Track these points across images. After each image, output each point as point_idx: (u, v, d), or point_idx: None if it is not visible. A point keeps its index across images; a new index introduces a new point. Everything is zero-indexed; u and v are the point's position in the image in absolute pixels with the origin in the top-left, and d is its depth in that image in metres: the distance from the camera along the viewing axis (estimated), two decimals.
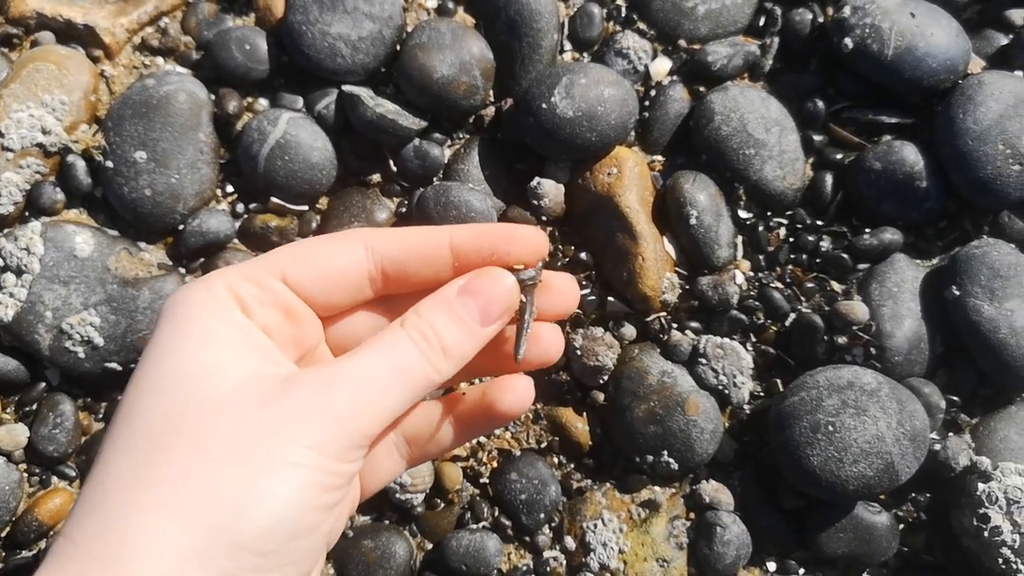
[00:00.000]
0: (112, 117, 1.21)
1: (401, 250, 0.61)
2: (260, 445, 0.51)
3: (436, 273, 0.62)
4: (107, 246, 1.18)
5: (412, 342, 0.57)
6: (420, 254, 0.61)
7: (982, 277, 1.15)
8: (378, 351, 0.56)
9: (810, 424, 1.10)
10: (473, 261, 0.61)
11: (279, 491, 0.50)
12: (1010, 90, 1.17)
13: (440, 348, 0.57)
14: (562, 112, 1.16)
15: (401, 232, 0.62)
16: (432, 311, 0.59)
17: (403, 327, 0.58)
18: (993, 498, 1.10)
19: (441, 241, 0.61)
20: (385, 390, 0.55)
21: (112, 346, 1.16)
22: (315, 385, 0.53)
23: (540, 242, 0.63)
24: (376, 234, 0.62)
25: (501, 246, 0.61)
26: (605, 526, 1.17)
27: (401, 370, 0.56)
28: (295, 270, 0.59)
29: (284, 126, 1.20)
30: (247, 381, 0.53)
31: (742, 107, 1.20)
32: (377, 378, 0.55)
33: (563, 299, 0.67)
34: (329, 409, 0.52)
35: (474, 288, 0.60)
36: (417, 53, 1.20)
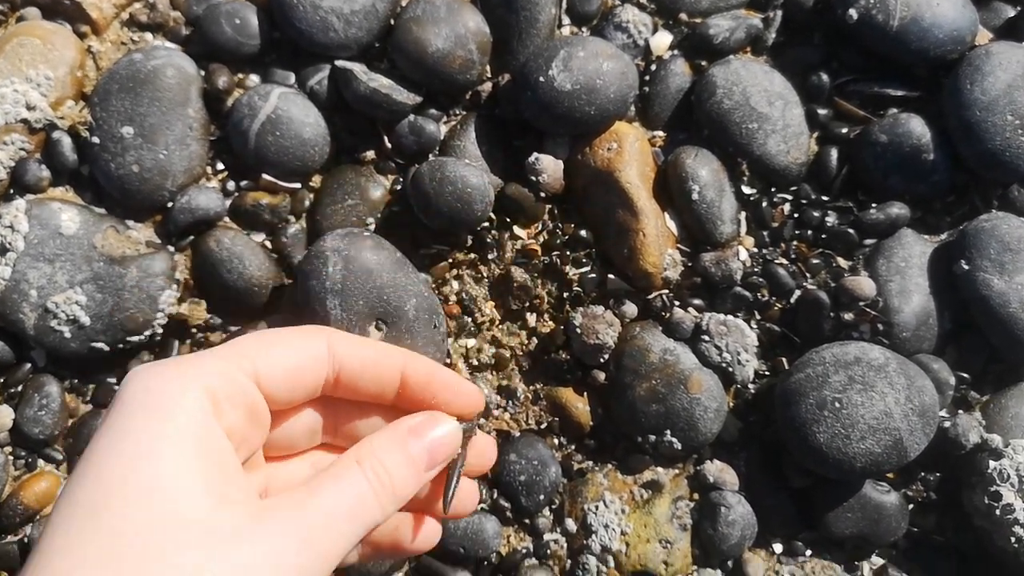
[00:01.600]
0: (99, 92, 1.18)
1: (359, 364, 0.63)
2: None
3: (380, 393, 0.65)
4: (93, 224, 1.16)
5: (367, 482, 0.58)
6: (374, 373, 0.64)
7: (991, 251, 1.12)
8: (336, 492, 0.56)
9: (816, 401, 1.07)
10: (415, 397, 0.65)
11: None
12: (1018, 60, 1.15)
13: (391, 489, 0.59)
14: (560, 85, 1.13)
15: (361, 344, 0.64)
16: (388, 451, 0.60)
17: (360, 465, 0.59)
18: (1005, 476, 1.08)
19: (395, 367, 0.64)
20: (341, 535, 0.55)
21: (99, 325, 1.13)
22: (288, 525, 0.53)
23: (479, 400, 0.68)
24: (340, 340, 0.63)
25: (443, 395, 0.65)
26: (607, 508, 1.14)
27: (357, 513, 0.57)
28: (266, 370, 0.59)
29: (275, 101, 1.18)
30: (219, 507, 0.52)
31: (744, 81, 1.18)
32: (337, 524, 0.55)
33: (482, 460, 0.72)
34: (303, 550, 0.53)
35: (424, 431, 0.63)
36: (411, 27, 1.18)
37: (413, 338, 1.10)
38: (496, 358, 1.20)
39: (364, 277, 1.08)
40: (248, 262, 1.17)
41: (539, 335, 1.20)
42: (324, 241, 1.10)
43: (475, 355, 1.20)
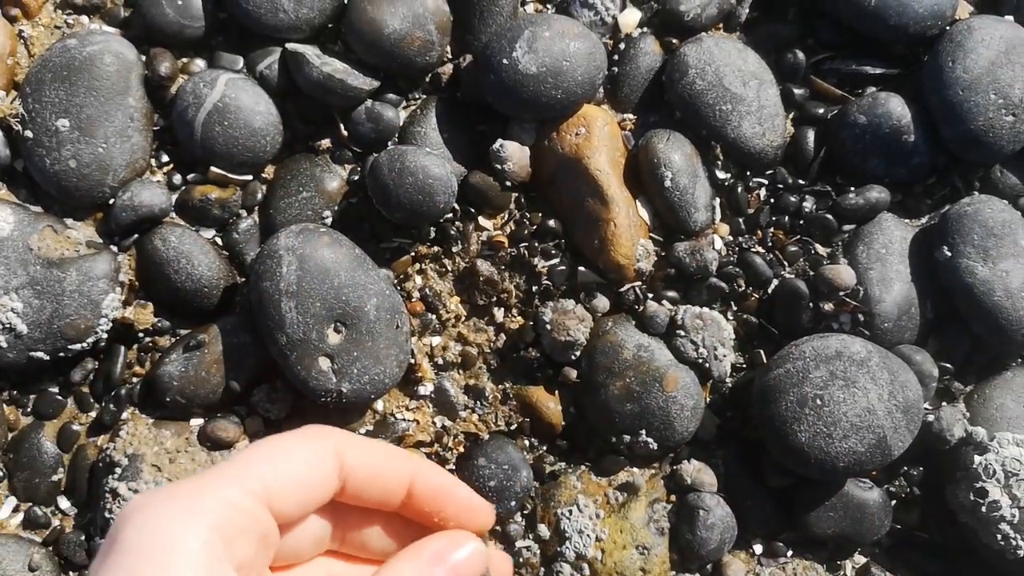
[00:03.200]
0: (31, 82, 1.11)
1: (367, 472, 0.59)
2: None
3: (386, 502, 0.61)
4: (29, 223, 1.09)
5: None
6: (382, 482, 0.60)
7: (975, 236, 1.08)
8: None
9: (796, 398, 1.03)
10: (422, 509, 0.61)
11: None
12: (1001, 35, 1.11)
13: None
14: (525, 68, 1.08)
15: (370, 450, 0.60)
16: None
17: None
18: (990, 471, 1.05)
19: (403, 477, 0.60)
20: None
21: (37, 333, 1.07)
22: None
23: (489, 517, 0.64)
24: (347, 446, 0.59)
25: (451, 510, 0.61)
26: (581, 512, 1.10)
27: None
28: (277, 488, 0.54)
29: (222, 88, 1.12)
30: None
31: (717, 60, 1.13)
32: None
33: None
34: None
35: (448, 555, 0.59)
36: (366, 6, 1.12)
37: (374, 339, 1.04)
38: (462, 356, 1.16)
39: (321, 277, 1.02)
40: (197, 261, 1.11)
41: (507, 331, 1.15)
42: (277, 239, 1.04)
43: (440, 353, 1.15)
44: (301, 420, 1.13)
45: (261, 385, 1.11)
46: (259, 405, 1.11)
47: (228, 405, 1.12)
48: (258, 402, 1.11)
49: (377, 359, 1.05)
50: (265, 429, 1.12)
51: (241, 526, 0.51)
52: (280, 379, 1.10)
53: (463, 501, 0.62)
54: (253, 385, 1.11)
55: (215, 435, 1.09)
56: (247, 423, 1.12)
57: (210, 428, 1.09)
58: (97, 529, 1.09)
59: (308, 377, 1.04)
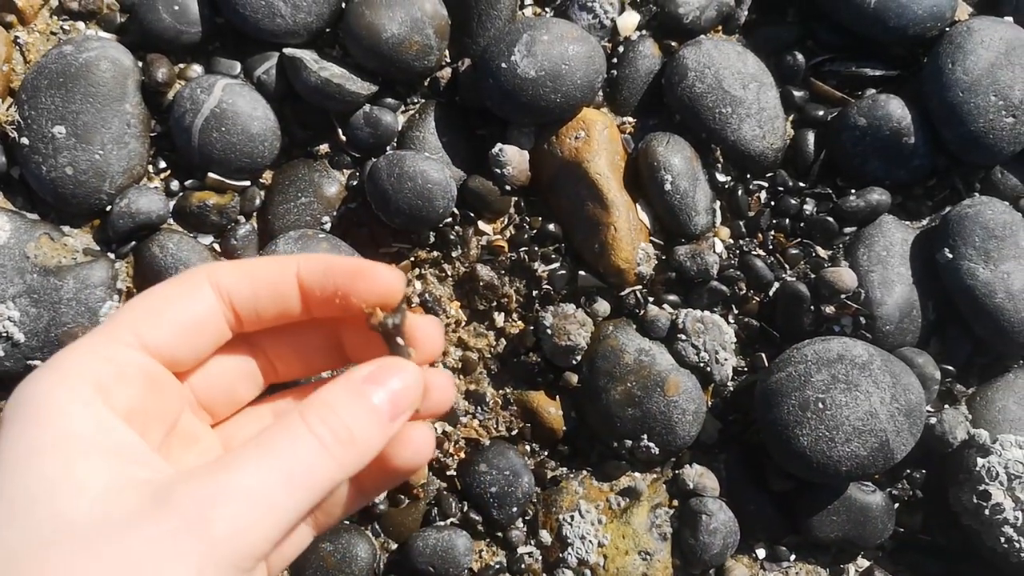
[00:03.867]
0: (27, 89, 1.10)
1: (248, 287, 0.56)
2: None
3: (285, 308, 0.57)
4: (26, 231, 1.08)
5: (316, 438, 0.50)
6: (267, 290, 0.56)
7: (976, 238, 1.08)
8: (270, 454, 0.48)
9: (799, 402, 1.02)
10: (323, 298, 0.57)
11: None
12: (1001, 37, 1.11)
13: (351, 441, 0.51)
14: (524, 72, 1.07)
15: (246, 266, 0.57)
16: (342, 401, 0.52)
17: (306, 421, 0.50)
18: (993, 473, 1.04)
19: (288, 276, 0.57)
20: (275, 504, 0.47)
21: (34, 342, 1.06)
22: (189, 504, 0.45)
23: (392, 282, 0.57)
24: (221, 270, 0.56)
25: (346, 284, 0.56)
26: (583, 518, 1.10)
27: (298, 475, 0.48)
28: (151, 332, 0.53)
29: (220, 94, 1.11)
30: (107, 497, 0.45)
31: (717, 62, 1.12)
32: (266, 490, 0.47)
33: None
34: (207, 534, 0.44)
35: (380, 378, 0.54)
36: (364, 11, 1.11)
37: None
38: (463, 361, 1.15)
39: None
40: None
41: (507, 336, 1.15)
42: (276, 246, 1.04)
43: (440, 359, 1.15)
44: None
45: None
46: None
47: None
48: None
49: None
50: None
51: (113, 372, 0.51)
52: (281, 388, 1.10)
53: (356, 271, 0.57)
54: None
55: None
56: None
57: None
58: None
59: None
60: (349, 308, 0.56)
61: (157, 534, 0.44)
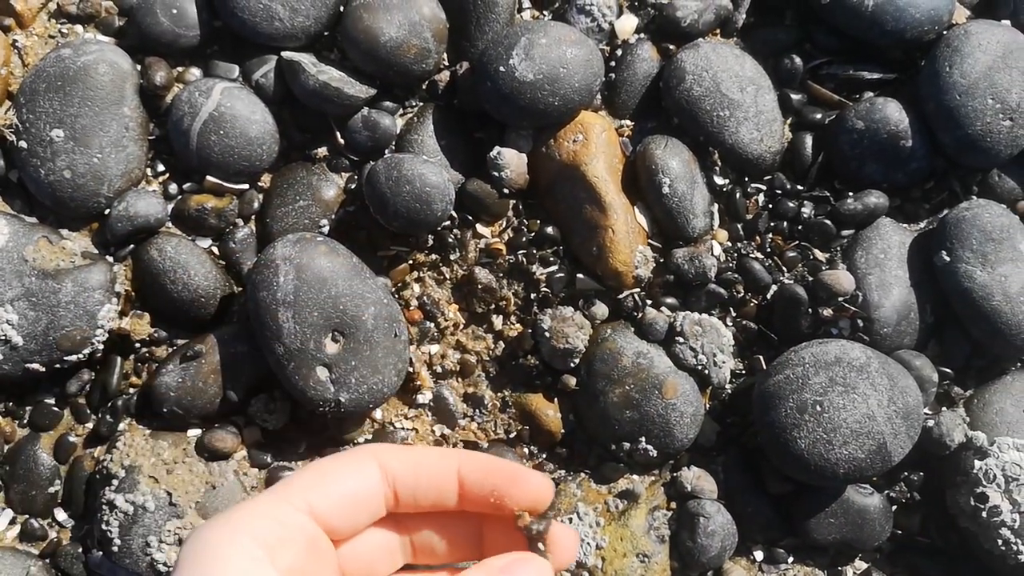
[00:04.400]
0: (25, 92, 1.10)
1: (412, 474, 0.60)
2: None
3: (441, 499, 0.61)
4: (24, 234, 1.08)
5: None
6: (429, 480, 0.61)
7: (973, 241, 1.08)
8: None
9: (796, 404, 1.02)
10: (477, 496, 0.61)
11: None
12: (998, 40, 1.11)
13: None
14: (522, 75, 1.07)
15: (411, 454, 0.61)
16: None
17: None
18: (991, 476, 1.04)
19: (450, 470, 0.61)
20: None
21: (33, 345, 1.06)
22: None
23: (545, 489, 0.61)
24: (388, 454, 0.61)
25: (506, 487, 0.60)
26: (581, 520, 1.10)
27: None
28: (319, 500, 0.57)
29: (218, 97, 1.11)
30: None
31: (715, 65, 1.12)
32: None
33: (564, 557, 0.63)
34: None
35: (516, 570, 0.58)
36: (362, 14, 1.11)
37: (372, 348, 1.04)
38: (461, 364, 1.15)
39: (318, 286, 1.02)
40: (193, 271, 1.10)
41: (506, 339, 1.15)
42: (274, 249, 1.03)
43: (439, 362, 1.15)
44: (299, 430, 1.12)
45: (259, 395, 1.11)
46: (257, 415, 1.11)
47: (226, 415, 1.11)
48: (256, 412, 1.10)
49: (375, 368, 1.05)
50: (263, 439, 1.11)
51: (282, 535, 0.55)
52: (278, 390, 1.10)
53: (513, 476, 0.61)
54: (251, 395, 1.11)
55: (213, 445, 1.08)
56: (245, 433, 1.11)
57: (208, 438, 1.09)
58: (95, 541, 1.08)
59: (306, 387, 1.03)
60: (501, 508, 0.60)
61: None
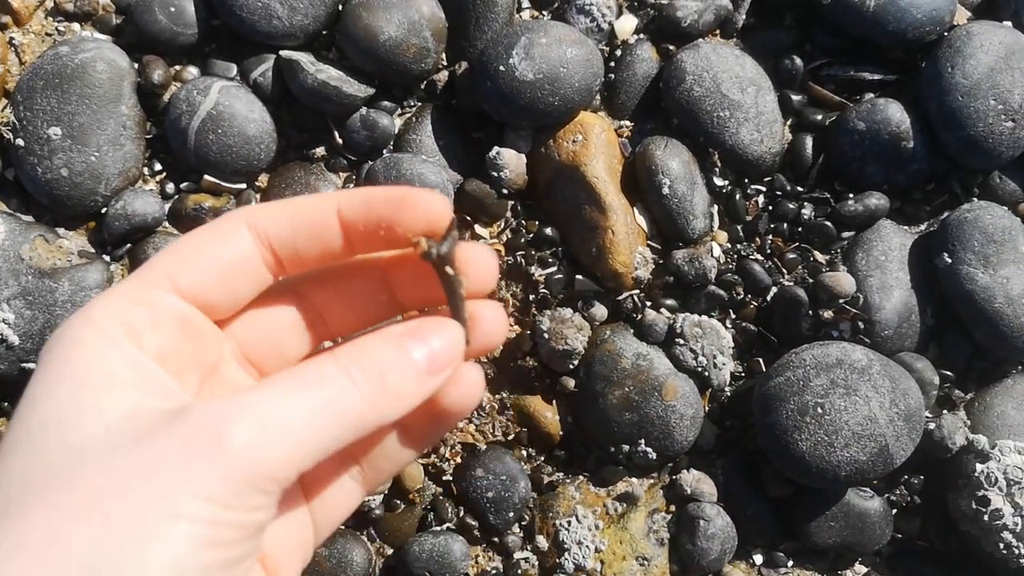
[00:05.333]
0: (22, 90, 1.09)
1: (287, 227, 0.52)
2: (127, 496, 0.41)
3: (327, 248, 0.53)
4: (21, 233, 1.07)
5: (347, 376, 0.48)
6: (307, 229, 0.53)
7: (975, 243, 1.08)
8: (297, 384, 0.46)
9: (797, 406, 1.02)
10: (364, 235, 0.53)
11: (153, 552, 0.40)
12: (1000, 41, 1.10)
13: (383, 385, 0.48)
14: (521, 75, 1.07)
15: (285, 205, 0.53)
16: (377, 348, 0.50)
17: (337, 360, 0.48)
18: (992, 479, 1.04)
19: (327, 213, 0.53)
20: (297, 428, 0.45)
21: (29, 344, 1.05)
22: (206, 417, 0.43)
23: (437, 207, 0.52)
24: (259, 212, 0.53)
25: (389, 214, 0.52)
26: (580, 523, 1.09)
27: (325, 406, 0.46)
28: (185, 276, 0.51)
29: (216, 96, 1.10)
30: (123, 420, 0.44)
31: (715, 66, 1.12)
32: (290, 414, 0.45)
33: (479, 272, 0.56)
34: (221, 446, 0.42)
35: (420, 334, 0.51)
36: (361, 13, 1.10)
37: None
38: None
39: None
40: None
41: (504, 340, 1.14)
42: None
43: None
44: None
45: None
46: None
47: None
48: None
49: None
50: None
51: (148, 317, 0.49)
52: None
53: (399, 199, 0.52)
54: None
55: None
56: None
57: None
58: None
59: None
60: (394, 241, 0.52)
61: (169, 446, 0.42)
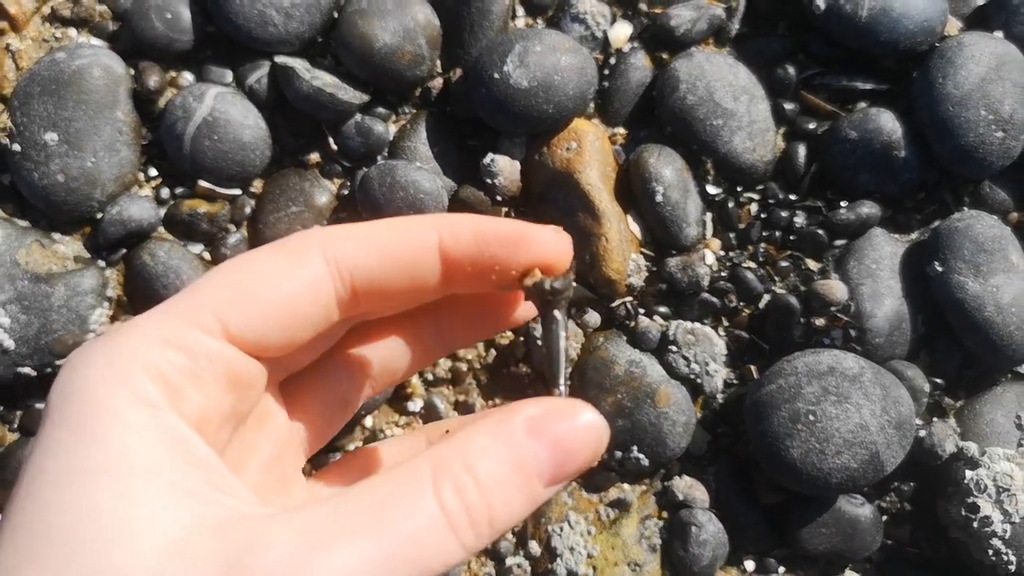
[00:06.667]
0: (18, 95, 1.10)
1: (375, 260, 0.44)
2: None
3: (419, 286, 0.46)
4: (16, 238, 1.08)
5: (444, 515, 0.38)
6: (399, 263, 0.45)
7: (966, 252, 1.08)
8: (381, 525, 0.37)
9: (789, 414, 1.02)
10: (468, 273, 0.45)
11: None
12: (991, 52, 1.11)
13: (485, 520, 0.39)
14: (516, 82, 1.07)
15: (372, 232, 0.45)
16: (490, 465, 0.39)
17: (436, 486, 0.38)
18: (982, 486, 1.04)
19: (427, 245, 0.45)
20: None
21: (24, 349, 1.05)
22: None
23: (562, 246, 0.45)
24: (338, 238, 0.44)
25: (505, 257, 0.44)
26: (572, 529, 1.09)
27: (408, 558, 0.36)
28: (240, 318, 0.42)
29: (211, 102, 1.10)
30: (175, 555, 0.36)
31: (708, 75, 1.12)
32: (373, 567, 0.36)
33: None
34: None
35: (549, 429, 0.40)
36: (357, 20, 1.11)
37: None
38: (452, 372, 1.15)
39: None
40: (186, 276, 1.10)
41: (497, 347, 1.15)
42: None
43: (430, 370, 1.14)
44: None
45: None
46: None
47: None
48: None
49: None
50: None
51: (186, 367, 0.41)
52: None
53: (514, 233, 0.44)
54: None
55: None
56: None
57: None
58: None
59: None
60: (505, 283, 0.45)
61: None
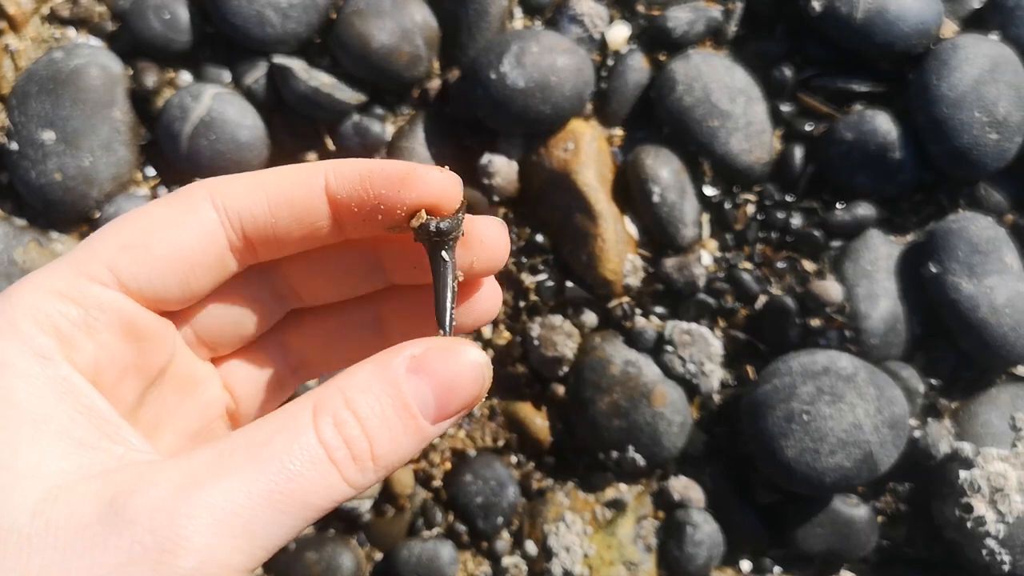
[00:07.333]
0: (17, 95, 1.10)
1: (264, 205, 0.44)
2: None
3: (311, 231, 0.45)
4: (14, 237, 1.08)
5: (324, 449, 0.38)
6: (288, 208, 0.44)
7: (960, 253, 1.09)
8: (260, 463, 0.36)
9: (784, 413, 1.03)
10: (356, 215, 0.45)
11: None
12: (986, 54, 1.11)
13: (368, 457, 0.38)
14: (513, 82, 1.08)
15: (259, 178, 0.45)
16: (370, 399, 0.39)
17: (316, 421, 0.38)
18: (976, 486, 1.05)
19: (313, 189, 0.44)
20: (256, 531, 0.36)
21: None
22: (150, 524, 0.35)
23: (447, 186, 0.44)
24: (226, 186, 0.44)
25: (390, 195, 0.43)
26: (568, 528, 1.09)
27: (291, 496, 0.36)
28: (131, 267, 0.42)
29: (209, 102, 1.11)
30: (56, 501, 0.36)
31: (706, 76, 1.13)
32: (249, 513, 0.36)
33: (489, 252, 0.48)
34: (168, 567, 0.34)
35: (431, 366, 0.40)
36: (354, 20, 1.11)
37: None
38: None
39: None
40: None
41: (495, 347, 1.15)
42: None
43: None
44: None
45: None
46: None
47: None
48: None
49: None
50: None
51: (74, 317, 0.41)
52: None
53: (401, 176, 0.43)
54: None
55: None
56: None
57: None
58: None
59: None
60: (394, 224, 0.44)
61: (106, 563, 0.35)
